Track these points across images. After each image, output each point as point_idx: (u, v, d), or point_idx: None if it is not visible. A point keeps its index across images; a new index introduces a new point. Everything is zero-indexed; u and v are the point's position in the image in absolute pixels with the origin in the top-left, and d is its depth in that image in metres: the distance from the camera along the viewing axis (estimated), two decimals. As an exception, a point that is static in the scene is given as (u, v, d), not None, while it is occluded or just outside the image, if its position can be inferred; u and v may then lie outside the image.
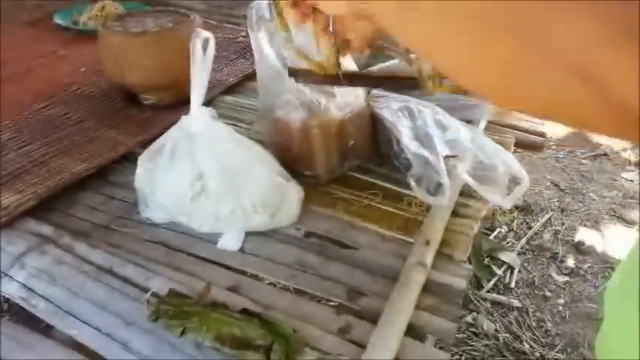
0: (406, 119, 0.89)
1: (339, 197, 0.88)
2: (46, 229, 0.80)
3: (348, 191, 0.89)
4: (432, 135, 0.84)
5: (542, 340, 1.85)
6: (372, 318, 0.67)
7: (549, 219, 2.35)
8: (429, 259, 0.75)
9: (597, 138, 2.94)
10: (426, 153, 0.81)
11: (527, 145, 1.07)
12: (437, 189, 0.83)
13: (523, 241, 2.23)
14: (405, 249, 0.78)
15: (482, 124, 1.04)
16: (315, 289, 0.72)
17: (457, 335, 1.71)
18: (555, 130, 2.80)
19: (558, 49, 0.28)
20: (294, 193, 0.83)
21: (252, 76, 1.17)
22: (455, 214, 0.85)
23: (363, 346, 0.63)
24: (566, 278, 2.09)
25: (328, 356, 0.62)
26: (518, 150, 1.09)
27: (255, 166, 0.79)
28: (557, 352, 1.78)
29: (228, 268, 0.75)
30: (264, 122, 0.94)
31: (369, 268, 0.76)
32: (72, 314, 0.67)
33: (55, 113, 1.06)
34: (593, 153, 2.81)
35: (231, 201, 0.78)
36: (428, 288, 0.72)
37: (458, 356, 1.71)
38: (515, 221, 2.31)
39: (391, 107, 0.92)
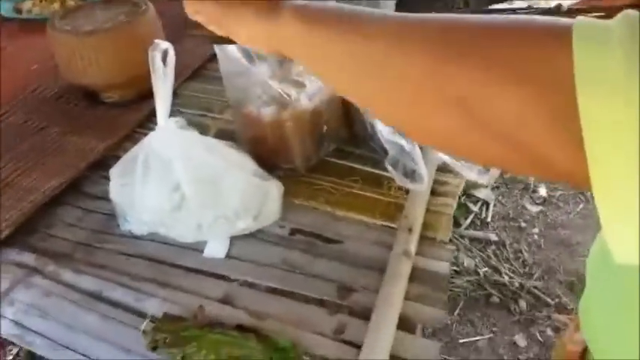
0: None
1: (319, 187, 0.88)
2: (29, 258, 0.79)
3: (327, 179, 0.89)
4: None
5: (520, 270, 1.94)
6: (365, 314, 0.69)
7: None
8: (413, 246, 0.77)
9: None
10: (400, 140, 0.81)
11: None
12: (414, 172, 0.84)
13: (496, 174, 2.28)
14: (389, 236, 0.79)
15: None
16: (306, 289, 0.74)
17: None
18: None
19: (449, 95, 0.31)
20: (274, 190, 0.82)
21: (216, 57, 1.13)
22: (434, 192, 0.86)
23: (358, 346, 0.66)
24: (540, 208, 2.17)
25: (326, 362, 0.65)
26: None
27: (232, 171, 0.78)
28: (535, 279, 1.87)
29: (217, 277, 0.76)
30: (235, 116, 0.92)
31: (356, 261, 0.77)
32: (70, 348, 0.67)
33: (14, 121, 1.01)
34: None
35: (212, 209, 0.78)
36: (414, 276, 0.74)
37: (442, 295, 1.79)
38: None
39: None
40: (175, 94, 1.09)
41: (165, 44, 0.69)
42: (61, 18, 0.99)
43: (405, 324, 0.69)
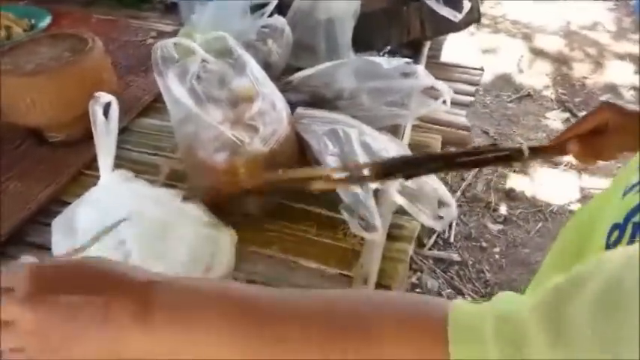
0: (332, 145, 0.87)
1: (274, 233, 0.86)
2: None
3: (283, 224, 0.87)
4: (361, 162, 0.82)
5: (482, 290, 1.96)
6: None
7: (481, 169, 2.43)
8: (369, 297, 0.75)
9: (519, 78, 3.03)
10: (354, 188, 0.80)
11: (455, 142, 1.07)
12: (370, 218, 0.83)
13: (458, 193, 2.31)
14: (345, 286, 0.78)
15: (409, 127, 1.04)
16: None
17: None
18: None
19: None
20: (226, 240, 0.80)
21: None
22: (390, 236, 0.85)
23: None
24: (500, 227, 2.20)
25: None
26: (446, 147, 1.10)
27: (180, 223, 0.76)
28: (496, 301, 1.89)
29: (166, 335, 0.73)
30: (187, 161, 0.89)
31: (311, 313, 0.75)
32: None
33: (-52, 165, 0.96)
34: (517, 95, 2.89)
35: (158, 264, 0.74)
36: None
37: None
38: (449, 175, 2.38)
39: (316, 131, 0.89)
40: (126, 129, 1.06)
41: (107, 97, 0.66)
42: (3, 55, 0.94)
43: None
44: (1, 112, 0.96)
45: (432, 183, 0.80)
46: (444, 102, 0.96)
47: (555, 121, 2.73)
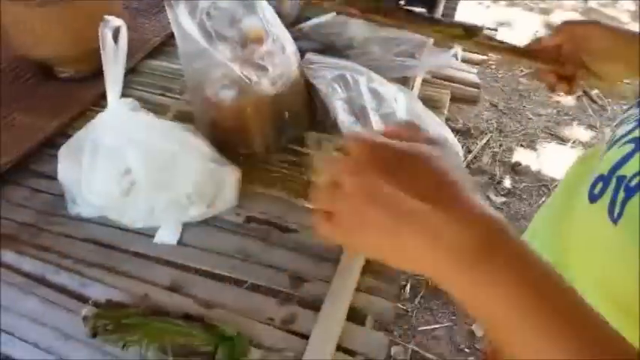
0: (341, 90, 0.87)
1: (278, 174, 0.87)
2: (-32, 238, 0.75)
3: (286, 167, 0.88)
4: (367, 108, 0.82)
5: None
6: (316, 305, 0.69)
7: (488, 141, 2.42)
8: (368, 238, 0.76)
9: (535, 54, 2.98)
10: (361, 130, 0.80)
11: (463, 99, 1.07)
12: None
13: (463, 165, 2.30)
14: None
15: (418, 80, 1.03)
16: (258, 278, 0.73)
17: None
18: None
19: None
20: (230, 176, 0.80)
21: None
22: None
23: (307, 337, 0.65)
24: (504, 199, 2.20)
25: (273, 352, 0.64)
26: (455, 104, 1.09)
27: (185, 154, 0.76)
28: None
29: (167, 263, 0.74)
30: (194, 99, 0.89)
31: (311, 251, 0.76)
32: (7, 331, 0.65)
33: (-41, 94, 0.96)
34: (530, 70, 2.85)
35: (163, 195, 0.75)
36: (368, 269, 0.74)
37: (404, 283, 1.81)
38: (456, 146, 2.37)
39: (325, 77, 0.89)
40: (134, 70, 1.06)
41: (117, 21, 0.66)
42: (13, -14, 0.93)
43: (355, 315, 0.69)
44: (11, 44, 0.96)
45: (439, 129, 0.80)
46: (455, 55, 0.95)
47: (567, 97, 2.70)
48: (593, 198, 0.52)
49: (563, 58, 0.67)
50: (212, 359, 0.61)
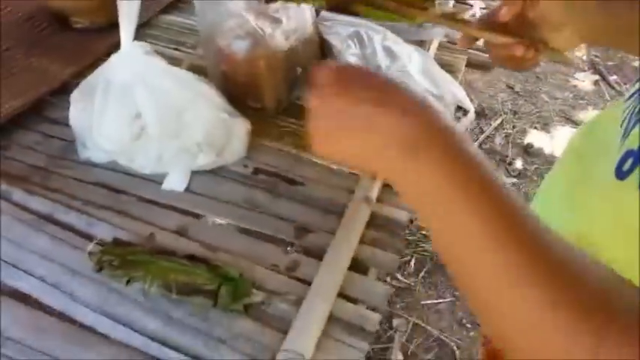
0: (355, 47, 0.86)
1: (287, 129, 0.87)
2: (-20, 176, 0.77)
3: (296, 122, 0.88)
4: (381, 67, 0.82)
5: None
6: (319, 254, 0.69)
7: (502, 122, 2.40)
8: (375, 193, 0.76)
9: (554, 37, 2.93)
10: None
11: (478, 65, 1.05)
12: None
13: (475, 145, 2.29)
14: (352, 182, 0.79)
15: (435, 44, 1.02)
16: (264, 227, 0.73)
17: (408, 238, 1.78)
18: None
19: None
20: (240, 128, 0.81)
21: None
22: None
23: (309, 283, 0.66)
24: (514, 180, 2.19)
25: (275, 296, 0.65)
26: (470, 70, 1.08)
27: (197, 103, 0.76)
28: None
29: (174, 209, 0.75)
30: (206, 50, 0.89)
31: (317, 203, 0.77)
32: (16, 266, 0.66)
33: (-24, 41, 0.97)
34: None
35: (173, 141, 0.76)
36: (372, 222, 0.74)
37: (409, 257, 1.81)
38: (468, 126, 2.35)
39: (340, 33, 0.88)
40: (149, 24, 1.06)
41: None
42: None
43: (358, 266, 0.69)
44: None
45: (452, 87, 0.79)
46: (474, 16, 0.94)
47: (584, 82, 2.66)
48: (621, 175, 0.48)
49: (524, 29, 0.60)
50: (215, 298, 0.62)
